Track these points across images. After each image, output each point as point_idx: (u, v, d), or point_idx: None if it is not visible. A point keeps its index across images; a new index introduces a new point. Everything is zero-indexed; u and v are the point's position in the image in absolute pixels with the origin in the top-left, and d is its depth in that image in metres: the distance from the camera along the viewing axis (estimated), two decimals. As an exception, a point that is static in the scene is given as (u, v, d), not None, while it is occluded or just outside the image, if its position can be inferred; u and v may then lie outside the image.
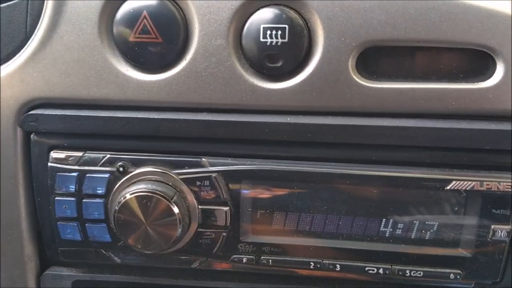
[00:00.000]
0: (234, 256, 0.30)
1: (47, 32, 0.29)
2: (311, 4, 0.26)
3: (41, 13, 0.29)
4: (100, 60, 0.28)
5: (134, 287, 0.35)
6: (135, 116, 0.29)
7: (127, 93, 0.28)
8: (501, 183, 0.27)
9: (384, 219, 0.29)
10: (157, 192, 0.28)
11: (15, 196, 0.32)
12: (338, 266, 0.30)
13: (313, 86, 0.28)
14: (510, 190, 0.27)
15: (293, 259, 0.30)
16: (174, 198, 0.28)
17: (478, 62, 0.27)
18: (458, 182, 0.27)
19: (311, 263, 0.30)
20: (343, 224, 0.29)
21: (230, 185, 0.29)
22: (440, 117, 0.28)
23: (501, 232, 0.28)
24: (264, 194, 0.30)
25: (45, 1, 0.28)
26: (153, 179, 0.28)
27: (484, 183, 0.27)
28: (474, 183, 0.27)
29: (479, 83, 0.27)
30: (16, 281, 0.34)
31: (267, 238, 0.30)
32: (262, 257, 0.30)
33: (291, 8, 0.26)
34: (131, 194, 0.28)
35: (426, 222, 0.29)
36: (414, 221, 0.29)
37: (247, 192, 0.29)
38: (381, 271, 0.29)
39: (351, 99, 0.27)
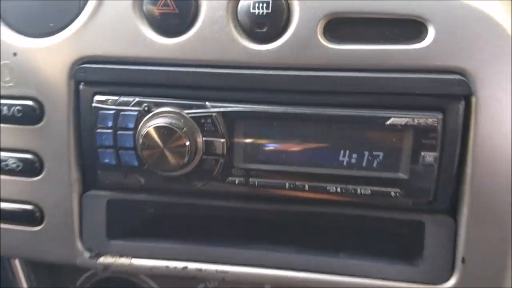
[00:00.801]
0: (229, 178, 0.40)
1: (94, 8, 0.39)
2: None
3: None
4: (133, 28, 0.39)
5: (153, 205, 0.45)
6: (157, 69, 0.39)
7: (152, 52, 0.39)
8: (429, 119, 0.35)
9: (342, 151, 0.38)
10: (172, 124, 0.37)
11: (66, 132, 0.42)
12: (306, 186, 0.39)
13: (291, 47, 0.38)
14: (436, 124, 0.36)
15: (273, 181, 0.39)
16: (184, 129, 0.37)
17: (414, 28, 0.36)
18: (396, 118, 0.36)
19: (287, 184, 0.39)
20: (311, 154, 0.38)
21: (226, 122, 0.38)
22: (384, 71, 0.37)
23: (429, 157, 0.36)
24: (252, 130, 0.39)
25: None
26: (169, 116, 0.38)
27: (415, 119, 0.36)
28: (408, 119, 0.36)
29: (415, 44, 0.36)
30: (64, 200, 0.44)
31: (254, 165, 0.40)
32: (250, 179, 0.40)
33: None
34: (152, 127, 0.38)
35: (373, 152, 0.37)
36: (364, 152, 0.38)
37: (239, 128, 0.38)
38: (338, 190, 0.39)
39: (318, 57, 0.37)
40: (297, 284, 0.42)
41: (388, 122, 0.37)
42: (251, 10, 0.36)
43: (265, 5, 0.36)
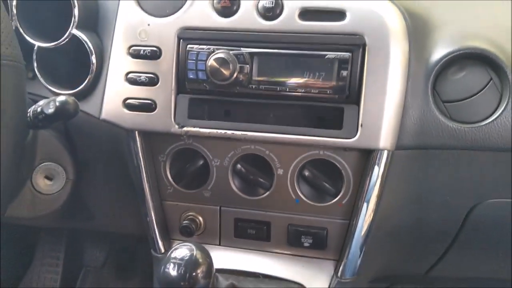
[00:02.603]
0: (250, 85, 0.71)
1: (190, 3, 0.78)
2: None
3: None
4: (206, 13, 0.77)
5: (212, 101, 0.77)
6: (217, 32, 0.72)
7: (215, 25, 0.76)
8: (345, 55, 0.70)
9: (305, 71, 0.74)
10: (224, 56, 0.73)
11: (171, 63, 0.73)
12: (287, 89, 0.70)
13: (281, 24, 0.73)
14: (348, 58, 0.70)
15: (270, 86, 0.71)
16: (230, 59, 0.73)
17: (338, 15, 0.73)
18: (330, 54, 0.71)
19: (277, 88, 0.73)
20: (288, 73, 0.74)
21: (249, 57, 0.70)
22: (326, 33, 0.74)
23: (344, 73, 0.70)
24: (261, 61, 0.71)
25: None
26: (223, 53, 0.74)
27: (339, 55, 0.70)
28: (335, 54, 0.69)
29: (340, 22, 0.73)
30: (167, 98, 0.82)
31: (261, 78, 0.71)
32: (260, 86, 0.71)
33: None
34: (213, 58, 0.70)
35: (319, 72, 0.73)
36: (315, 72, 0.74)
37: (255, 60, 0.71)
38: (303, 90, 0.72)
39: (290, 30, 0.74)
40: (276, 140, 0.74)
41: (326, 57, 0.70)
42: (264, 5, 0.71)
43: (271, 3, 0.72)
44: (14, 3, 0.81)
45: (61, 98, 0.66)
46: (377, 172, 0.73)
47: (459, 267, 0.93)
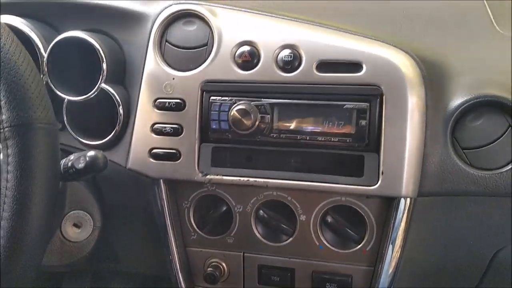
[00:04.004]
0: (271, 134, 0.73)
1: (212, 57, 0.82)
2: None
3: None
4: (228, 67, 0.81)
5: (234, 149, 0.78)
6: (238, 85, 0.75)
7: (236, 78, 0.80)
8: (363, 105, 0.71)
9: (324, 121, 0.76)
10: (245, 107, 0.77)
11: (195, 114, 0.75)
12: (307, 137, 0.72)
13: (300, 76, 0.74)
14: (366, 108, 0.71)
15: (290, 135, 0.73)
16: (251, 110, 0.75)
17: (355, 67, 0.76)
18: (348, 104, 0.72)
19: (298, 136, 0.75)
20: (309, 121, 0.77)
21: (270, 107, 0.73)
22: (344, 84, 0.76)
23: (363, 122, 0.70)
24: (281, 112, 0.73)
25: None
26: (244, 104, 0.76)
27: (357, 105, 0.72)
28: (354, 104, 0.70)
29: (356, 74, 0.75)
30: (191, 148, 0.85)
31: (282, 126, 0.74)
32: (280, 134, 0.73)
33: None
34: (235, 109, 0.72)
35: (339, 121, 0.75)
36: (335, 121, 0.75)
37: (275, 110, 0.73)
38: (323, 139, 0.71)
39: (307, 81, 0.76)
40: (297, 187, 0.75)
41: (344, 107, 0.71)
42: (283, 59, 0.75)
43: (289, 57, 0.75)
44: (45, 60, 0.86)
45: (91, 153, 0.69)
46: (400, 219, 0.74)
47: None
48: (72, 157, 0.70)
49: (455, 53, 0.77)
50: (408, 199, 0.73)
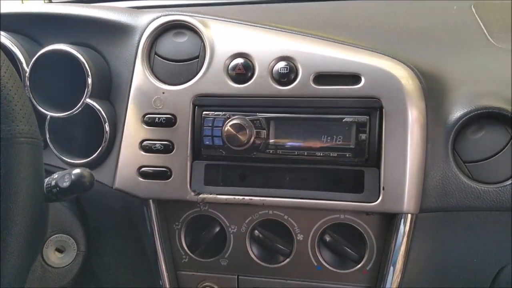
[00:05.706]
0: (267, 150, 0.70)
1: (204, 71, 0.79)
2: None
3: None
4: (222, 80, 0.78)
5: (228, 166, 0.75)
6: (232, 99, 0.72)
7: (230, 91, 0.77)
8: (362, 118, 0.70)
9: (322, 135, 0.73)
10: (240, 122, 0.73)
11: (187, 130, 0.72)
12: (305, 153, 0.71)
13: (296, 89, 0.73)
14: (366, 121, 0.70)
15: (287, 151, 0.70)
16: (246, 125, 0.73)
17: (354, 78, 0.74)
18: (347, 118, 0.70)
19: (295, 152, 0.73)
20: (307, 136, 0.74)
21: (265, 122, 0.70)
22: (343, 97, 0.73)
23: (363, 136, 0.69)
24: (277, 126, 0.70)
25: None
26: (239, 119, 0.73)
27: (357, 118, 0.70)
28: (353, 118, 0.69)
29: (355, 85, 0.73)
30: (183, 165, 0.81)
31: (279, 142, 0.72)
32: (277, 150, 0.71)
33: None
34: (230, 124, 0.71)
35: (338, 136, 0.72)
36: (333, 135, 0.72)
37: (272, 125, 0.70)
38: (322, 154, 0.69)
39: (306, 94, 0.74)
40: (295, 205, 0.72)
41: (343, 120, 0.70)
42: (279, 71, 0.73)
43: (285, 69, 0.72)
44: (27, 74, 0.81)
45: (77, 170, 0.65)
46: (402, 236, 0.71)
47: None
48: (56, 175, 0.66)
49: (453, 66, 0.76)
50: (409, 215, 0.70)
